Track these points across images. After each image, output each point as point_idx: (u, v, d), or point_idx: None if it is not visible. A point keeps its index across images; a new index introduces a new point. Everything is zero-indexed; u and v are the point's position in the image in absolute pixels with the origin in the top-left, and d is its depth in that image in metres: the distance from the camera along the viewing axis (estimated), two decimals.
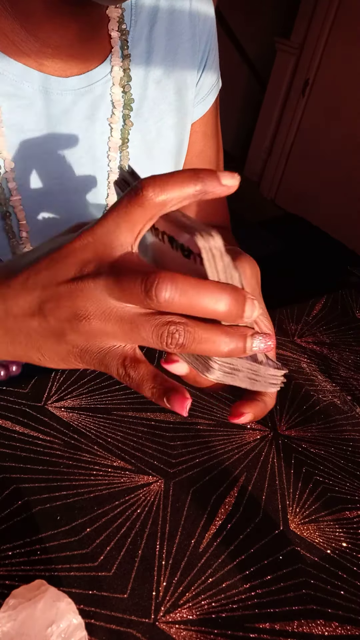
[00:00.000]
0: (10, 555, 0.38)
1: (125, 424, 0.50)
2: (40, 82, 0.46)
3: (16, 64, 0.45)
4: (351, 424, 0.55)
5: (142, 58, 0.52)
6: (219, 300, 0.26)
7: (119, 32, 0.49)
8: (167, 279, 0.25)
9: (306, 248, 2.53)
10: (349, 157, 2.45)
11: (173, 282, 0.25)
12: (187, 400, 0.27)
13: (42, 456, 0.45)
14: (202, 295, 0.26)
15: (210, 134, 0.63)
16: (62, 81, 0.47)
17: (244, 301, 0.27)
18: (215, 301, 0.26)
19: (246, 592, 0.39)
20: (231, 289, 0.26)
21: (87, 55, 0.48)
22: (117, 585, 0.38)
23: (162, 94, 0.55)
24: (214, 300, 0.26)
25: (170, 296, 0.25)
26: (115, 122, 0.51)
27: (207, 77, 0.58)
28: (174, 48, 0.54)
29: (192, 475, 0.46)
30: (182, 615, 0.37)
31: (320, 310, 0.72)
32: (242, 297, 0.27)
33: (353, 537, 0.44)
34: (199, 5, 0.55)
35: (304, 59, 2.59)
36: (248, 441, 0.51)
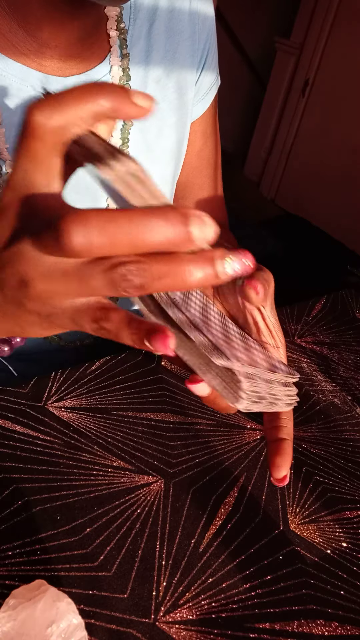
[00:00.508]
0: (10, 555, 0.38)
1: (125, 424, 0.50)
2: (40, 82, 0.46)
3: (15, 64, 0.45)
4: (351, 424, 0.55)
5: (141, 57, 0.52)
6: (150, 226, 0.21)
7: (118, 31, 0.49)
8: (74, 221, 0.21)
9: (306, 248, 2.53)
10: (349, 157, 2.45)
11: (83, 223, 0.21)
12: (169, 337, 0.24)
13: (42, 456, 0.45)
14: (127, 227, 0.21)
15: (210, 132, 0.63)
16: (61, 81, 0.47)
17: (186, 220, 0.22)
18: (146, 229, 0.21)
19: (246, 592, 0.39)
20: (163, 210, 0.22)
21: (86, 55, 0.48)
22: (117, 585, 0.38)
23: (162, 93, 0.55)
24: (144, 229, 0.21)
25: (85, 240, 0.21)
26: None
27: (206, 75, 0.59)
28: (173, 47, 0.54)
29: (192, 475, 0.46)
30: (182, 615, 0.37)
31: (320, 310, 0.72)
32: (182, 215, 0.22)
33: (353, 537, 0.44)
34: (198, 4, 0.55)
35: (304, 59, 2.59)
36: (248, 441, 0.51)
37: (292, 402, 0.37)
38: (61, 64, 0.46)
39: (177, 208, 0.22)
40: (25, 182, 0.24)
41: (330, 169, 2.55)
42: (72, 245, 0.21)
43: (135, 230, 0.21)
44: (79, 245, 0.21)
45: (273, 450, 0.40)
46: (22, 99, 0.46)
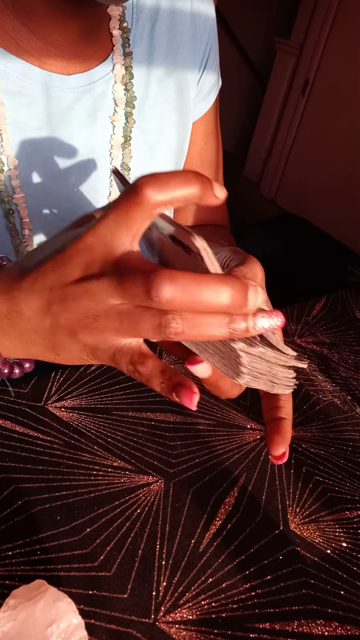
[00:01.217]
0: (10, 555, 0.38)
1: (125, 424, 0.50)
2: (43, 80, 0.46)
3: (19, 61, 0.45)
4: (351, 424, 0.55)
5: (143, 56, 0.52)
6: (220, 292, 0.26)
7: (120, 30, 0.50)
8: (166, 278, 0.25)
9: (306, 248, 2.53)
10: (349, 157, 2.45)
11: (172, 280, 0.25)
12: (195, 394, 0.27)
13: (42, 456, 0.45)
14: (203, 289, 0.25)
15: (211, 133, 0.63)
16: (65, 79, 0.47)
17: (246, 289, 0.26)
18: (217, 293, 0.26)
19: (246, 592, 0.39)
20: (231, 279, 0.26)
21: (89, 54, 0.48)
22: (117, 585, 0.38)
23: (164, 93, 0.55)
24: (215, 293, 0.26)
25: (171, 295, 0.25)
26: (117, 120, 0.51)
27: (207, 76, 0.59)
28: (175, 47, 0.54)
29: (192, 475, 0.46)
30: (182, 615, 0.37)
31: (320, 310, 0.72)
32: (244, 285, 0.26)
33: (353, 537, 0.44)
34: (200, 5, 0.55)
35: (304, 59, 2.59)
36: (248, 441, 0.51)
37: (291, 384, 0.37)
38: (64, 62, 0.47)
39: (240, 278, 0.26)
40: (111, 234, 0.27)
41: (330, 169, 2.55)
42: (159, 297, 0.25)
43: (210, 294, 0.25)
44: (165, 298, 0.25)
45: (271, 428, 0.40)
46: (26, 96, 0.46)
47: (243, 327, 0.27)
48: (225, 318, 0.26)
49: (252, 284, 0.26)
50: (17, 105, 0.46)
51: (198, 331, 0.26)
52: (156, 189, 0.26)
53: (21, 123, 0.47)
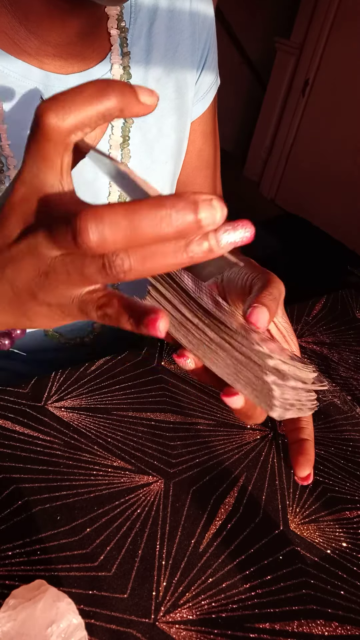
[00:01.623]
0: (10, 555, 0.38)
1: (125, 424, 0.50)
2: (41, 80, 0.46)
3: (17, 61, 0.45)
4: (351, 424, 0.55)
5: (141, 56, 0.52)
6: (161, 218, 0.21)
7: (118, 30, 0.50)
8: (90, 218, 0.21)
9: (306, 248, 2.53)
10: (349, 157, 2.45)
11: (98, 219, 0.21)
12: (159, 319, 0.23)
13: (42, 456, 0.45)
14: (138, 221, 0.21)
15: (209, 132, 0.64)
16: (63, 79, 0.47)
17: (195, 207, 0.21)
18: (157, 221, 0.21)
19: (246, 592, 0.39)
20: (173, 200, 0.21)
21: (87, 53, 0.48)
22: (117, 585, 0.38)
23: (162, 92, 0.55)
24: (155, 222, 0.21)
25: (99, 237, 0.21)
26: (115, 120, 0.51)
27: (206, 75, 0.59)
28: (173, 46, 0.54)
29: (192, 475, 0.46)
30: (182, 615, 0.37)
31: (320, 310, 0.72)
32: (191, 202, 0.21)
33: (353, 537, 0.44)
34: (198, 4, 0.55)
35: (304, 59, 2.59)
36: (248, 441, 0.51)
37: (314, 406, 0.38)
38: (62, 62, 0.47)
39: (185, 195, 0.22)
40: (37, 180, 0.24)
41: (330, 169, 2.55)
42: (88, 243, 0.22)
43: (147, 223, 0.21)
44: (95, 242, 0.21)
45: (296, 450, 0.42)
46: (24, 96, 0.46)
47: (205, 248, 0.23)
48: (180, 241, 0.22)
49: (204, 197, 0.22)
50: (15, 106, 0.46)
51: (152, 264, 0.23)
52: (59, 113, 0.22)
53: (20, 123, 0.47)
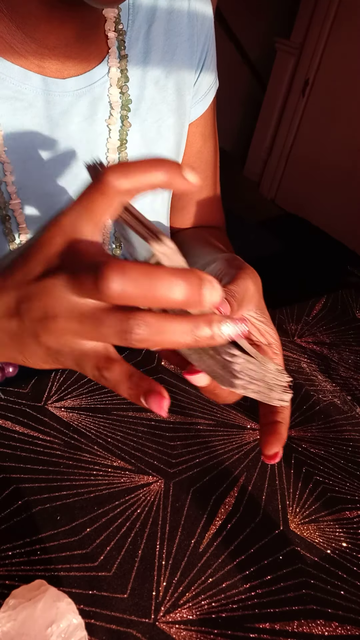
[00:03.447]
0: (10, 555, 0.38)
1: (125, 424, 0.50)
2: (39, 84, 0.46)
3: (14, 66, 0.45)
4: (351, 424, 0.55)
5: (139, 58, 0.52)
6: (173, 286, 0.24)
7: (116, 33, 0.49)
8: (114, 269, 0.23)
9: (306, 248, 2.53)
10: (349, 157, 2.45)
11: (122, 272, 0.23)
12: (164, 399, 0.26)
13: (42, 456, 0.45)
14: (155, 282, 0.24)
15: (208, 134, 0.63)
16: (61, 82, 0.47)
17: (201, 284, 0.25)
18: (170, 287, 0.24)
19: (246, 592, 0.39)
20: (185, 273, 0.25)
21: (84, 56, 0.48)
22: (117, 585, 0.38)
23: (161, 94, 0.54)
24: (168, 287, 0.24)
25: (121, 287, 0.23)
26: (113, 124, 0.51)
27: (205, 77, 0.58)
28: (172, 48, 0.54)
29: (192, 475, 0.46)
30: (182, 615, 0.37)
31: (320, 310, 0.72)
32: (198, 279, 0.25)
33: (353, 537, 0.44)
34: (197, 6, 0.55)
35: (304, 59, 2.59)
36: (248, 441, 0.51)
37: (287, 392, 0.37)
38: (59, 65, 0.46)
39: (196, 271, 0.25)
40: (75, 227, 0.26)
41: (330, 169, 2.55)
42: (108, 290, 0.23)
43: (163, 287, 0.24)
44: (115, 291, 0.23)
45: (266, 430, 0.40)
46: (22, 102, 0.46)
47: (208, 334, 0.26)
48: (190, 324, 0.25)
49: (208, 279, 0.25)
50: (12, 110, 0.46)
51: (162, 338, 0.25)
52: (119, 175, 0.25)
53: (17, 128, 0.46)
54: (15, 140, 0.47)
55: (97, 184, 0.25)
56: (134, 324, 0.24)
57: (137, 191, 0.26)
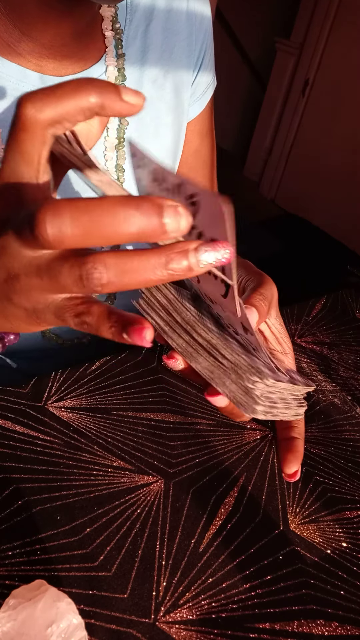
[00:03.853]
0: (10, 555, 0.38)
1: (125, 424, 0.50)
2: (37, 81, 0.46)
3: (12, 64, 0.45)
4: (351, 424, 0.55)
5: (137, 57, 0.52)
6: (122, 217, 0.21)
7: (113, 32, 0.50)
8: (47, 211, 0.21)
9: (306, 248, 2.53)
10: (349, 157, 2.45)
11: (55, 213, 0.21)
12: (145, 329, 0.23)
13: (42, 456, 0.45)
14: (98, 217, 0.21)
15: (206, 132, 0.64)
16: (58, 80, 0.47)
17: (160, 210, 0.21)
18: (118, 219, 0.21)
19: (246, 592, 0.39)
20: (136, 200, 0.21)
21: (81, 55, 0.48)
22: (117, 585, 0.38)
23: (158, 93, 0.55)
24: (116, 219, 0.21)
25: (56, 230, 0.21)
26: (110, 122, 0.51)
27: (203, 76, 0.59)
28: (170, 47, 0.54)
29: (192, 475, 0.46)
30: (182, 615, 0.37)
31: (320, 310, 0.72)
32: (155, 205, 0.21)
33: (353, 537, 0.44)
34: (195, 5, 0.55)
35: (304, 59, 2.59)
36: (248, 441, 0.51)
37: (303, 404, 0.38)
38: (57, 63, 0.47)
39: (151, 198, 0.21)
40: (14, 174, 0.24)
41: (330, 169, 2.55)
42: (45, 236, 0.21)
43: (108, 221, 0.21)
44: (52, 236, 0.21)
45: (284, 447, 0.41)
46: None
47: (184, 266, 0.22)
48: (161, 258, 0.22)
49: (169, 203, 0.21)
50: (10, 109, 0.46)
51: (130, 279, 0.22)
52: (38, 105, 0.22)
53: None
54: None
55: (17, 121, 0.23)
56: (91, 267, 0.22)
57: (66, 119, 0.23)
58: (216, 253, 0.23)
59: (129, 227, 0.21)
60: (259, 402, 0.32)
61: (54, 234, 0.21)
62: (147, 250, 0.22)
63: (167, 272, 0.22)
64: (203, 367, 0.35)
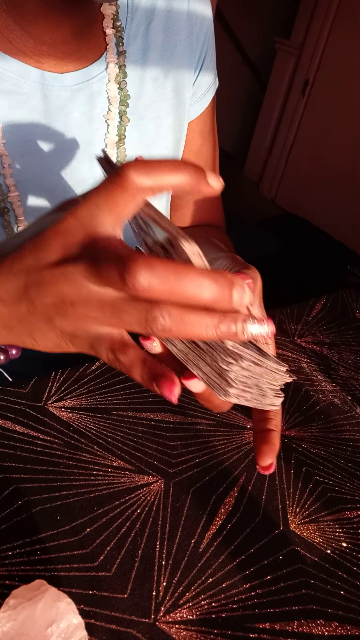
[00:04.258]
0: (10, 555, 0.38)
1: (125, 424, 0.50)
2: (37, 78, 0.46)
3: (13, 61, 0.45)
4: (351, 424, 0.55)
5: (138, 55, 0.52)
6: (202, 285, 0.24)
7: (114, 29, 0.50)
8: (142, 264, 0.24)
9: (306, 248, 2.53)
10: (349, 157, 2.45)
11: (149, 267, 0.24)
12: (175, 385, 0.26)
13: (42, 456, 0.45)
14: (183, 280, 0.24)
15: (207, 132, 0.64)
16: (59, 77, 0.47)
17: (231, 285, 0.25)
18: (198, 286, 0.24)
19: (246, 592, 0.39)
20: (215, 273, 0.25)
21: (82, 52, 0.48)
22: (117, 585, 0.38)
23: (159, 92, 0.55)
24: (197, 286, 0.24)
25: (147, 282, 0.24)
26: (111, 119, 0.51)
27: (204, 76, 0.59)
28: (171, 46, 0.54)
29: (192, 475, 0.46)
30: (182, 615, 0.37)
31: (320, 310, 0.72)
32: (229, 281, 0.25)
33: (353, 537, 0.44)
34: (196, 5, 0.55)
35: (304, 59, 2.59)
36: (248, 441, 0.51)
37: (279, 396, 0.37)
38: (58, 61, 0.47)
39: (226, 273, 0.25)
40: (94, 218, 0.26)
41: (330, 169, 2.55)
42: (135, 284, 0.24)
43: (191, 287, 0.24)
44: (141, 286, 0.24)
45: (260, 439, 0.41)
46: (20, 95, 0.46)
47: (232, 330, 0.26)
48: (215, 319, 0.25)
49: (239, 281, 0.25)
50: (11, 104, 0.46)
51: (186, 329, 0.25)
52: (142, 172, 0.25)
53: (15, 122, 0.47)
54: (13, 133, 0.47)
55: (118, 179, 0.25)
56: (157, 313, 0.25)
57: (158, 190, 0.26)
58: (261, 327, 0.26)
59: (205, 294, 0.25)
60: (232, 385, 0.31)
61: (144, 285, 0.24)
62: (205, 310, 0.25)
63: (217, 332, 0.25)
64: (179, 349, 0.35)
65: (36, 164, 0.49)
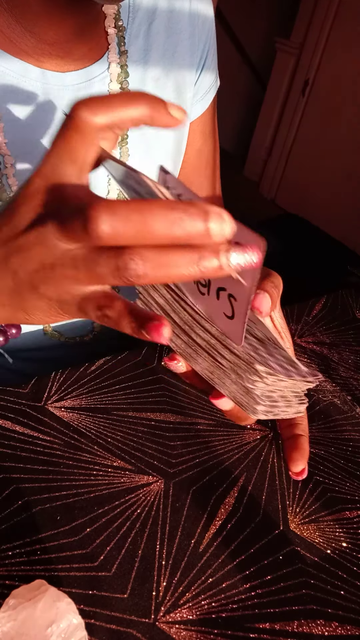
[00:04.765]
0: (10, 555, 0.38)
1: (125, 424, 0.50)
2: (39, 78, 0.46)
3: (14, 60, 0.45)
4: (351, 424, 0.55)
5: (139, 55, 0.52)
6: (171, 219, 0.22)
7: (116, 29, 0.50)
8: (103, 209, 0.22)
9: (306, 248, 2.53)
10: (349, 157, 2.45)
11: (111, 212, 0.22)
12: (163, 326, 0.24)
13: (42, 456, 0.45)
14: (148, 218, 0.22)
15: (208, 132, 0.64)
16: (61, 77, 0.47)
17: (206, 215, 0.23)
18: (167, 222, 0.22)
19: (246, 592, 0.39)
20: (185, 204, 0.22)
21: (84, 52, 0.48)
22: (117, 585, 0.38)
23: (161, 92, 0.55)
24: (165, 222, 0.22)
25: (110, 228, 0.22)
26: None
27: (205, 76, 0.59)
28: (172, 46, 0.54)
29: (192, 475, 0.46)
30: (182, 615, 0.37)
31: (320, 310, 0.72)
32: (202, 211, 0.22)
33: (353, 537, 0.44)
34: (198, 5, 0.55)
35: (304, 59, 2.59)
36: (248, 441, 0.51)
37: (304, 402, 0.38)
38: (59, 60, 0.47)
39: (198, 203, 0.23)
40: (57, 171, 0.25)
41: (330, 169, 2.55)
42: (98, 232, 0.22)
43: (159, 223, 0.22)
44: (105, 232, 0.22)
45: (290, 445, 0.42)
46: (22, 95, 0.46)
47: (215, 265, 0.24)
48: (194, 255, 0.23)
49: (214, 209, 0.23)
50: (13, 104, 0.46)
51: (164, 272, 0.23)
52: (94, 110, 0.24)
53: (17, 121, 0.47)
54: (15, 133, 0.47)
55: (70, 121, 0.24)
56: (128, 259, 0.23)
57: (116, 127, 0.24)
58: (245, 256, 0.24)
59: (177, 230, 0.22)
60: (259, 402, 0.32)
61: (107, 231, 0.22)
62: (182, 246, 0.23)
63: (199, 268, 0.24)
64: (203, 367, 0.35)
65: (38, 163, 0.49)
